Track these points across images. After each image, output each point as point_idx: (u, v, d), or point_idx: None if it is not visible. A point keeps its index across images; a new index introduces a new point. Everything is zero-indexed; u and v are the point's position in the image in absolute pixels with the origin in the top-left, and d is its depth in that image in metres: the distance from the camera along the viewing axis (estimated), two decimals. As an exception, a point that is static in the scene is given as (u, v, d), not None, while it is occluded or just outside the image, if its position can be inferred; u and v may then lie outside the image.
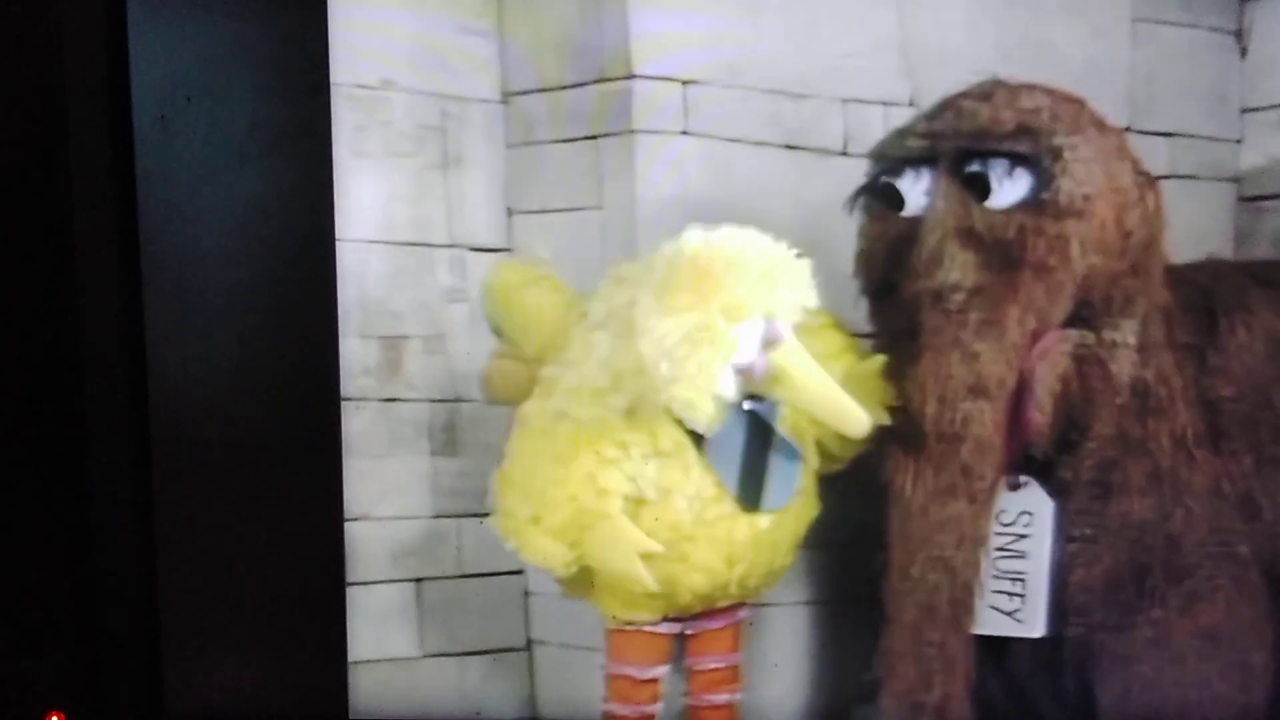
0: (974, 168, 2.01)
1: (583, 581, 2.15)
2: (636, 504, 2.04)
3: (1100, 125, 2.09)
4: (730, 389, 1.94)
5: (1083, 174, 1.99)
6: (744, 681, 2.25)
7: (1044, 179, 1.98)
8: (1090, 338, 2.05)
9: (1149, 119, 2.60)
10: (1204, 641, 2.06)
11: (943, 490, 1.99)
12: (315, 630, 2.33)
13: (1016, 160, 1.98)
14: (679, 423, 2.02)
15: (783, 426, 2.06)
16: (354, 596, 2.40)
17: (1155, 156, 2.60)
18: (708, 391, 1.93)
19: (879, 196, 2.13)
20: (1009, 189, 2.00)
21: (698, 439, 2.03)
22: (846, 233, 2.33)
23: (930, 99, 2.51)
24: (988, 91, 2.09)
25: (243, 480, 2.25)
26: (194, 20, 2.18)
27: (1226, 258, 2.49)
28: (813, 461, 2.13)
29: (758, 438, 2.05)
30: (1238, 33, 2.84)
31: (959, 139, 2.03)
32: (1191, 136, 2.79)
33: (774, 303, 1.94)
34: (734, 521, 2.06)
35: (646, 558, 2.02)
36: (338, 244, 2.36)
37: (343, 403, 2.41)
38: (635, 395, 2.01)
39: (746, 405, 2.04)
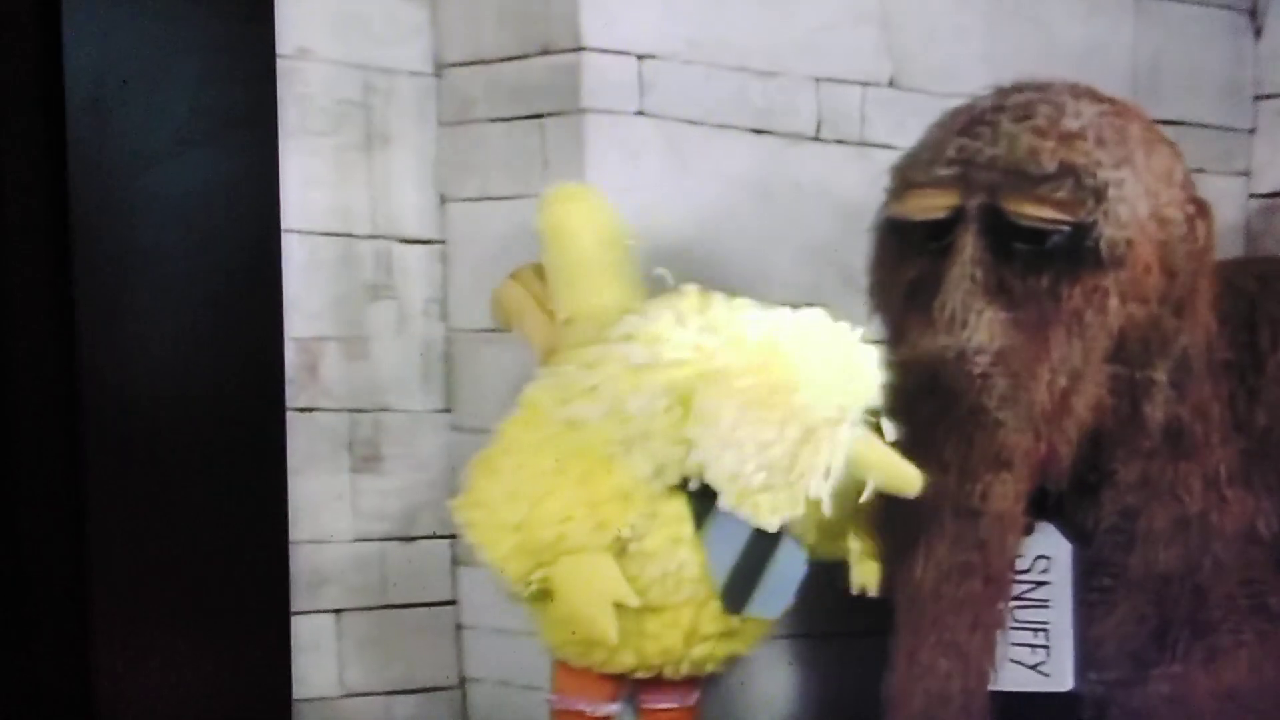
0: (1009, 219, 1.91)
1: (527, 607, 2.05)
2: (617, 551, 1.95)
3: (1150, 144, 1.98)
4: (826, 490, 1.86)
5: (1126, 215, 1.90)
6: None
7: (1084, 226, 1.89)
8: (1123, 373, 1.97)
9: (1153, 106, 2.45)
10: (1224, 701, 2.00)
11: (957, 569, 1.91)
12: (256, 644, 2.29)
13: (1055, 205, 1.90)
14: (685, 492, 1.94)
15: (796, 534, 1.97)
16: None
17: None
18: (803, 495, 1.86)
19: (907, 227, 2.00)
20: (1045, 234, 1.91)
21: (700, 514, 1.94)
22: (820, 227, 2.24)
23: (914, 78, 2.50)
24: (1027, 107, 1.95)
25: (180, 488, 2.21)
26: (131, -2, 2.13)
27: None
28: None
29: (763, 538, 1.94)
30: (1252, 11, 2.77)
31: (994, 172, 1.92)
32: (1199, 126, 2.71)
33: (859, 396, 1.88)
34: (702, 610, 1.97)
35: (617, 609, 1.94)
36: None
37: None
38: (659, 462, 1.92)
39: None
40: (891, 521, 1.95)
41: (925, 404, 1.91)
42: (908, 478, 1.87)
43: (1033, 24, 2.56)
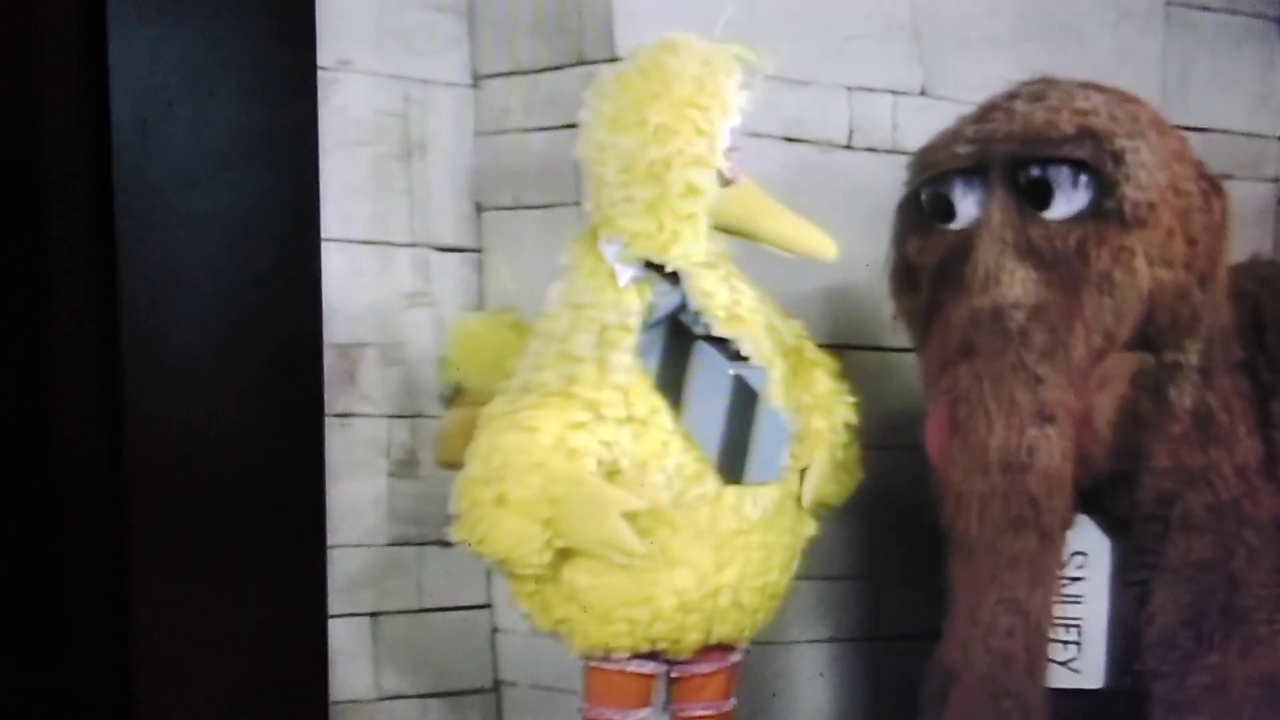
0: (1032, 175, 1.94)
1: (554, 597, 2.02)
2: (610, 475, 1.94)
3: (1160, 127, 2.00)
4: (714, 191, 1.93)
5: (1146, 179, 1.92)
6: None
7: (1106, 186, 1.91)
8: (1150, 361, 1.98)
9: (1182, 112, 2.49)
10: (1264, 689, 1.96)
11: (1012, 523, 1.90)
12: (293, 646, 2.31)
13: (1076, 166, 1.92)
14: (653, 389, 1.95)
15: (773, 397, 2.00)
16: (304, 632, 2.36)
17: (1188, 154, 2.51)
18: (697, 203, 1.91)
19: (927, 209, 2.03)
20: (1068, 198, 1.93)
21: (674, 407, 1.95)
22: (851, 234, 2.22)
23: (944, 86, 2.50)
24: (1039, 92, 1.99)
25: (220, 492, 2.23)
26: (176, 20, 2.16)
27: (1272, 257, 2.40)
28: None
29: (742, 405, 1.98)
30: (1280, 19, 2.79)
31: (1013, 144, 1.95)
32: (1228, 132, 2.71)
33: (733, 97, 1.94)
34: (718, 506, 1.97)
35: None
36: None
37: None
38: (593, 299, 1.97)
39: (731, 370, 1.97)
40: (940, 480, 1.94)
41: (966, 366, 1.91)
42: (816, 240, 1.96)
43: (1063, 32, 2.56)
